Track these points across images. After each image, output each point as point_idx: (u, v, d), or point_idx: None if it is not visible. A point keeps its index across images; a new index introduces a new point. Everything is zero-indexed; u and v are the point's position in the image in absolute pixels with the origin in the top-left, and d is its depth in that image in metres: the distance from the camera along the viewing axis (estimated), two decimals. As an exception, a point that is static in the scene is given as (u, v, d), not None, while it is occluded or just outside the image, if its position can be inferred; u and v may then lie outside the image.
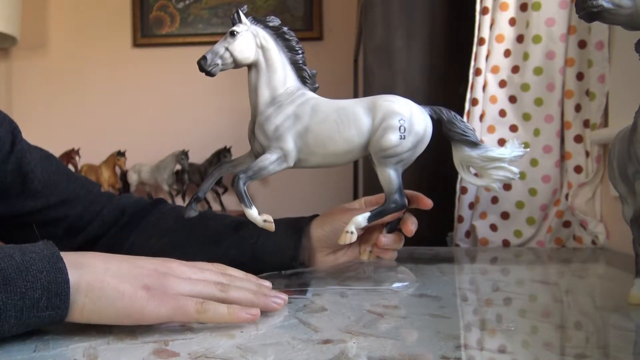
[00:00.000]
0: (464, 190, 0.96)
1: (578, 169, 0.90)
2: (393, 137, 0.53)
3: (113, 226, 0.69)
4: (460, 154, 0.56)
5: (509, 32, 0.93)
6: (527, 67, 0.91)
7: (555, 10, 0.89)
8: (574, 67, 0.90)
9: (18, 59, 2.44)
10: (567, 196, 0.90)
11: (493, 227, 0.94)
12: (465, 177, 0.57)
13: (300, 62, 0.58)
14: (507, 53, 0.93)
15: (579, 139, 0.90)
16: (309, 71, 0.58)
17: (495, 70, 0.94)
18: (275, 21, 0.58)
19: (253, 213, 0.54)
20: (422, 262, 0.70)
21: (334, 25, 2.30)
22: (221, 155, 2.12)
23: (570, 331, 0.40)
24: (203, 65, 0.55)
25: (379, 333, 0.38)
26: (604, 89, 0.87)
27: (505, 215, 0.93)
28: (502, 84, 0.94)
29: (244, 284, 0.45)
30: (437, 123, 0.56)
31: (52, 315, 0.36)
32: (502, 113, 0.94)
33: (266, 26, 0.57)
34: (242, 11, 0.57)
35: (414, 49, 1.09)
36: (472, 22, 0.96)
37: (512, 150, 0.54)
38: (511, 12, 0.93)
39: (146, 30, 2.36)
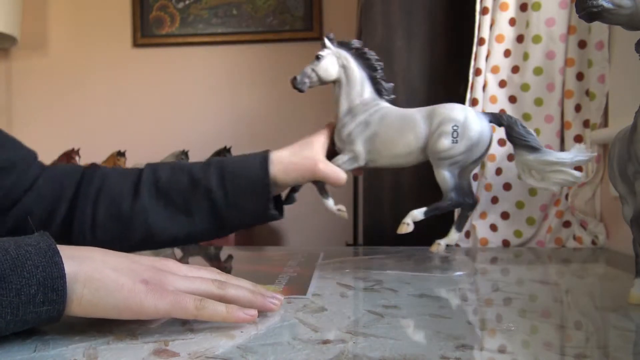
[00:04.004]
0: (464, 190, 0.96)
1: (578, 169, 0.90)
2: (446, 142, 0.60)
3: (58, 201, 0.64)
4: (520, 158, 0.62)
5: (509, 32, 0.93)
6: (527, 67, 0.91)
7: (555, 10, 0.89)
8: (574, 67, 0.89)
9: (18, 59, 2.44)
10: (567, 196, 0.90)
11: (493, 227, 0.94)
12: (525, 180, 0.63)
13: (378, 77, 0.67)
14: (507, 53, 0.93)
15: (579, 139, 0.90)
16: (385, 85, 0.67)
17: (495, 70, 0.94)
18: (356, 44, 0.68)
19: (330, 203, 0.67)
20: (422, 262, 0.70)
21: (334, 25, 2.29)
22: (221, 155, 2.12)
23: (570, 331, 0.40)
24: (294, 84, 0.66)
25: (379, 333, 0.38)
26: (604, 89, 0.87)
27: (505, 215, 0.93)
28: (502, 84, 0.94)
29: (241, 283, 0.45)
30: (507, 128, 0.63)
31: (49, 310, 0.35)
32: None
33: (349, 48, 0.67)
34: (327, 38, 0.68)
35: (414, 49, 1.09)
36: (472, 22, 0.96)
37: (575, 154, 0.58)
38: (511, 12, 0.93)
39: (146, 30, 2.36)
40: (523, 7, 0.92)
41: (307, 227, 2.29)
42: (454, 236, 0.67)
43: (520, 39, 0.92)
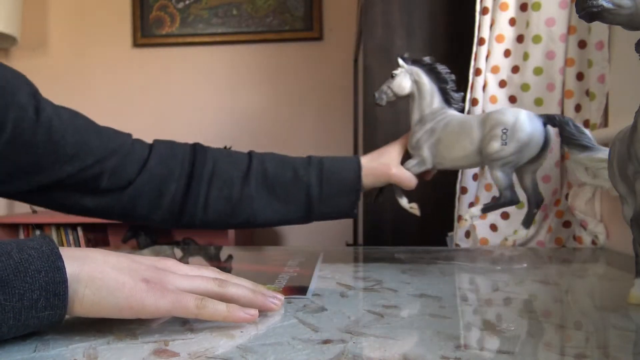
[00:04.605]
0: (463, 190, 0.96)
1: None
2: (496, 145, 0.65)
3: (166, 182, 0.70)
4: (573, 157, 0.66)
5: (509, 32, 0.93)
6: (527, 67, 0.91)
7: (555, 10, 0.89)
8: (574, 67, 0.89)
9: (18, 59, 2.44)
10: (567, 196, 0.90)
11: (493, 227, 0.94)
12: (580, 178, 0.67)
13: (448, 88, 0.72)
14: (507, 53, 0.93)
15: (579, 139, 0.90)
16: (453, 95, 0.72)
17: (495, 70, 0.94)
18: (427, 60, 0.73)
19: (403, 201, 0.75)
20: (422, 262, 0.70)
21: (334, 25, 2.30)
22: (221, 155, 2.12)
23: (570, 331, 0.40)
24: (374, 100, 0.74)
25: (379, 333, 0.38)
26: (604, 89, 0.87)
27: (505, 215, 0.93)
28: (502, 84, 0.94)
29: (241, 282, 0.45)
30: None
31: (51, 315, 0.35)
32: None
33: (422, 65, 0.73)
34: (401, 58, 0.73)
35: (414, 49, 1.09)
36: (472, 22, 0.96)
37: None
38: (511, 12, 0.93)
39: (146, 30, 2.36)
40: (523, 7, 0.92)
41: (307, 227, 2.29)
42: (521, 233, 0.71)
43: (520, 39, 0.92)
